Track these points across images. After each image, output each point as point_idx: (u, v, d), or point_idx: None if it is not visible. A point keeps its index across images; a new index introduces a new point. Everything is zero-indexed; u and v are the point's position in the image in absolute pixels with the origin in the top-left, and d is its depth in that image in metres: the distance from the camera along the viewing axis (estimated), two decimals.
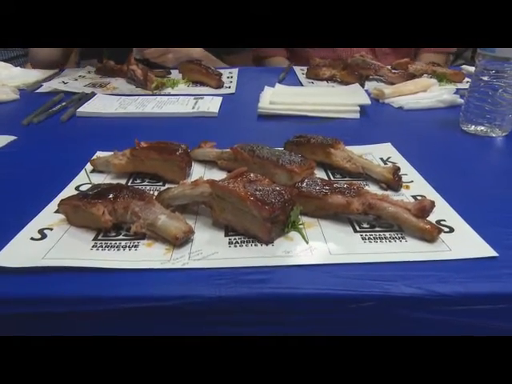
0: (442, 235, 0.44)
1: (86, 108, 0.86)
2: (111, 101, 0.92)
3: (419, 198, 0.51)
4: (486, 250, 0.41)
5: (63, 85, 1.02)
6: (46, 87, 1.01)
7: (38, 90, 1.01)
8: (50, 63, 1.17)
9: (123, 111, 0.85)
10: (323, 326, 0.39)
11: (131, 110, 0.86)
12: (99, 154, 0.63)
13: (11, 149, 0.69)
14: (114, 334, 0.38)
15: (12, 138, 0.72)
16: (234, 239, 0.44)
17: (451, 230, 0.45)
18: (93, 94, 0.95)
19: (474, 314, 0.38)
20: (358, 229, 0.46)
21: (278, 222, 0.43)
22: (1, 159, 0.65)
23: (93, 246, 0.43)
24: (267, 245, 0.43)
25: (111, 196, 0.45)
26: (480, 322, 0.38)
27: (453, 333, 0.38)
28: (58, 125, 0.80)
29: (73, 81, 1.07)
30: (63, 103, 0.89)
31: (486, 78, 0.70)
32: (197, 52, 1.18)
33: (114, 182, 0.55)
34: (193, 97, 0.94)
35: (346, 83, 1.02)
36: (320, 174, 0.58)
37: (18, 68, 1.13)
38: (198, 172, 0.59)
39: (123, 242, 0.43)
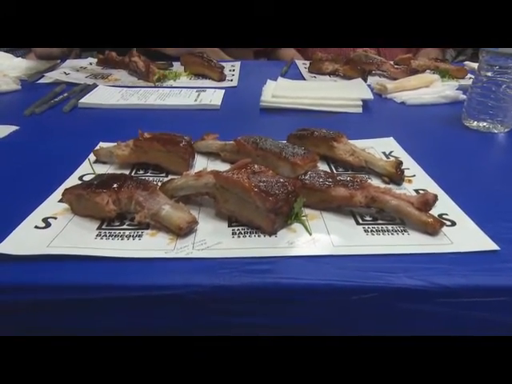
0: (444, 229, 0.44)
1: (88, 99, 0.86)
2: (113, 92, 0.91)
3: (421, 191, 0.51)
4: (487, 244, 0.42)
5: (65, 75, 1.01)
6: (47, 78, 1.01)
7: (39, 81, 1.01)
8: (51, 58, 1.16)
9: (125, 102, 0.85)
10: (325, 317, 0.39)
11: (133, 102, 0.85)
12: (102, 144, 0.63)
13: (13, 139, 0.69)
14: (117, 322, 0.38)
15: (14, 127, 0.72)
16: (238, 230, 0.44)
17: (453, 223, 0.45)
18: (94, 86, 0.95)
19: (476, 306, 0.38)
20: (360, 221, 0.46)
21: (281, 214, 0.43)
22: (3, 149, 0.65)
23: (97, 235, 0.43)
24: (270, 236, 0.43)
25: (115, 186, 0.45)
26: (481, 315, 0.38)
27: (454, 324, 0.38)
28: (60, 115, 0.80)
29: (74, 72, 1.06)
30: (65, 94, 0.89)
31: (489, 74, 0.70)
32: None
33: (117, 172, 0.55)
34: (195, 89, 0.94)
35: (349, 78, 1.02)
36: (323, 167, 0.58)
37: (20, 58, 1.12)
38: (200, 164, 0.59)
39: (127, 232, 0.44)
